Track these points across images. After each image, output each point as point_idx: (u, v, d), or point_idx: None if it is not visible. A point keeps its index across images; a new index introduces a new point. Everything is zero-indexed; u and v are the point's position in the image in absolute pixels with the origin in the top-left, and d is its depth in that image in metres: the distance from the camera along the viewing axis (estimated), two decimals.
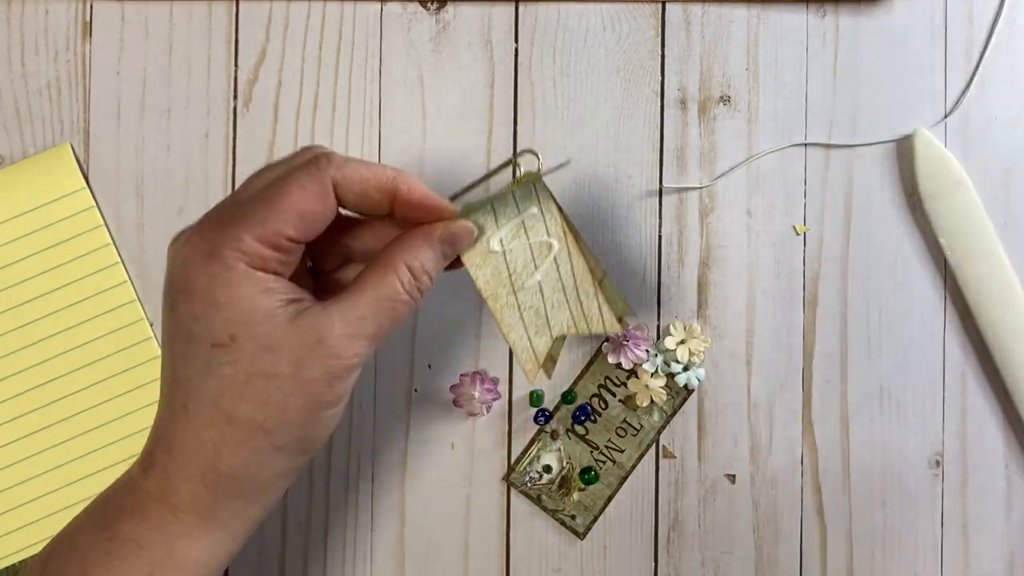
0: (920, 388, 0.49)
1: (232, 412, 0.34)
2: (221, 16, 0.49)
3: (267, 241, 0.34)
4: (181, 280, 0.34)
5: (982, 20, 0.49)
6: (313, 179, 0.35)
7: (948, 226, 0.48)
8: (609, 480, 0.49)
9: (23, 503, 0.48)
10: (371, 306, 0.35)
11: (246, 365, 0.34)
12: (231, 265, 0.34)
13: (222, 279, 0.34)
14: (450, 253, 0.37)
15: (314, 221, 0.35)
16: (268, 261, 0.34)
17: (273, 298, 0.34)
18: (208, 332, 0.34)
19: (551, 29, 0.49)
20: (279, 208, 0.34)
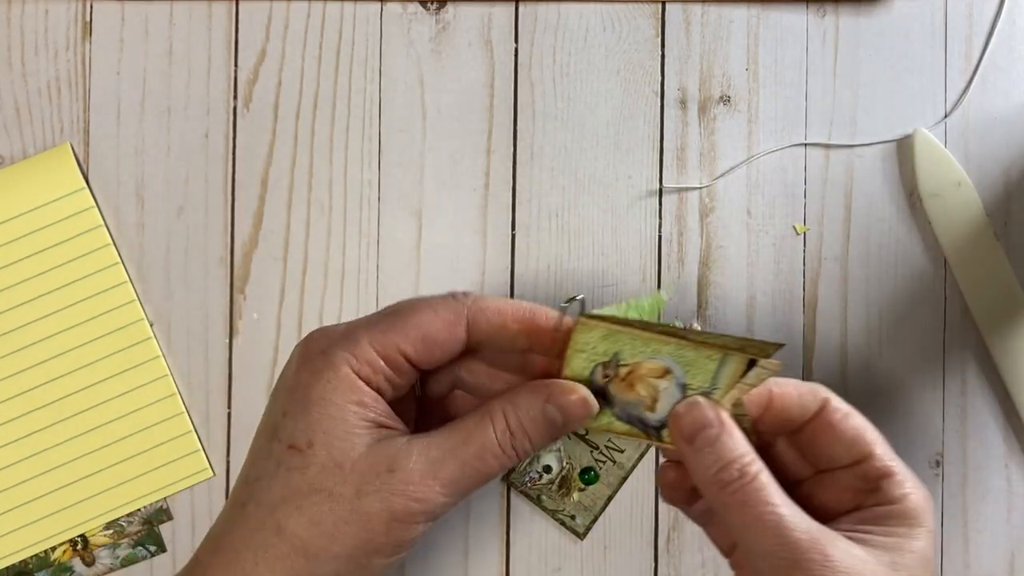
0: (920, 388, 0.49)
1: (283, 524, 0.32)
2: (221, 16, 0.49)
3: (382, 352, 0.33)
4: (288, 375, 0.33)
5: (982, 20, 0.49)
6: (448, 307, 0.33)
7: (948, 226, 0.48)
8: (609, 480, 0.49)
9: (23, 503, 0.48)
10: (456, 449, 0.32)
11: (312, 476, 0.32)
12: (336, 365, 0.32)
13: (323, 378, 0.32)
14: (559, 424, 0.33)
15: (435, 348, 0.33)
16: (376, 374, 0.33)
17: (363, 414, 0.32)
18: (290, 432, 0.32)
19: (551, 29, 0.49)
20: (404, 323, 0.33)
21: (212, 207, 0.49)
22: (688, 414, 0.33)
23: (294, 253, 0.49)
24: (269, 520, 0.32)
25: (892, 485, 0.33)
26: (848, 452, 0.34)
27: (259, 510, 0.32)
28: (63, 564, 0.48)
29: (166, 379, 0.48)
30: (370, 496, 0.31)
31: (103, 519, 0.48)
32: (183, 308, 0.49)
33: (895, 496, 0.33)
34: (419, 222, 0.49)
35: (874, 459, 0.33)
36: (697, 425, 0.33)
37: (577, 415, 0.33)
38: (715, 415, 0.33)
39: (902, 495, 0.33)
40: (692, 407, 0.33)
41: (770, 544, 0.31)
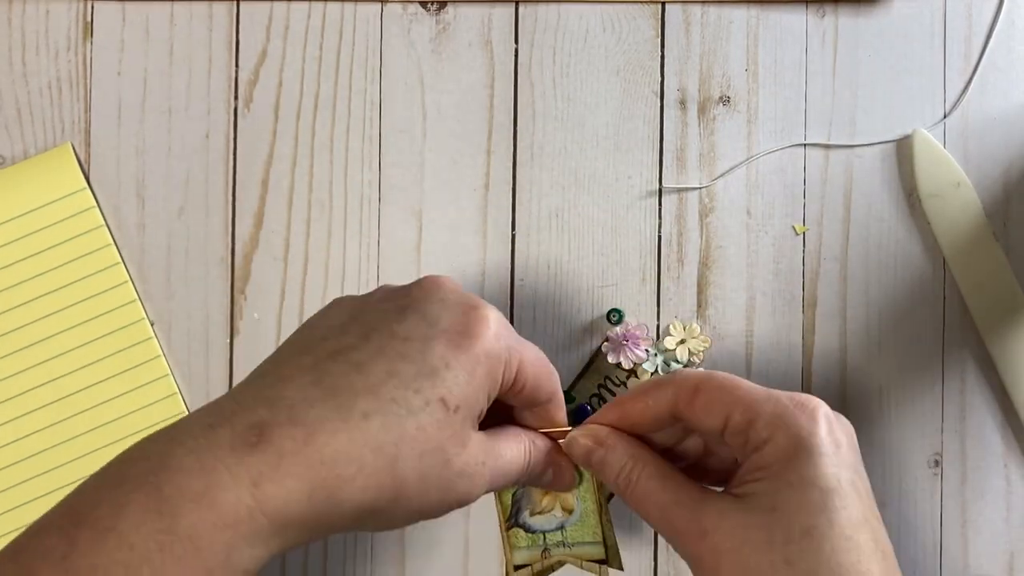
0: (920, 388, 0.49)
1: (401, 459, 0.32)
2: (221, 16, 0.49)
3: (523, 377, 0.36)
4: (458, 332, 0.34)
5: (982, 20, 0.50)
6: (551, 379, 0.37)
7: (948, 226, 0.49)
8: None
9: (24, 503, 0.48)
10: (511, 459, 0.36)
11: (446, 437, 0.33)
12: (508, 364, 0.35)
13: (490, 374, 0.34)
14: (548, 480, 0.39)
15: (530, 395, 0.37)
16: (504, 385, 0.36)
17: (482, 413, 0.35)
18: (449, 387, 0.33)
19: (551, 29, 0.49)
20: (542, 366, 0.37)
21: (213, 207, 0.49)
22: (576, 444, 0.38)
23: (294, 253, 0.49)
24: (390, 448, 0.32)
25: (756, 433, 0.34)
26: (714, 420, 0.35)
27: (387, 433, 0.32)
28: None
29: (167, 379, 0.48)
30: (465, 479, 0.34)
31: None
32: (184, 308, 0.49)
33: (763, 439, 0.34)
34: (419, 222, 0.49)
35: (734, 414, 0.35)
36: (585, 451, 0.38)
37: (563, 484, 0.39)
38: (593, 440, 0.38)
39: (769, 436, 0.34)
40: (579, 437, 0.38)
41: (662, 529, 0.36)
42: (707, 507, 0.35)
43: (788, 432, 0.34)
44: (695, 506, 0.35)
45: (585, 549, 0.42)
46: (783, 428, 0.34)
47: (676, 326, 0.48)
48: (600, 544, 0.42)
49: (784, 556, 0.32)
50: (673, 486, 0.36)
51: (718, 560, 0.33)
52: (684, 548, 0.35)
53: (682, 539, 0.35)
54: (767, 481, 0.34)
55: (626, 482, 0.37)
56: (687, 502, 0.35)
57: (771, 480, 0.34)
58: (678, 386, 0.36)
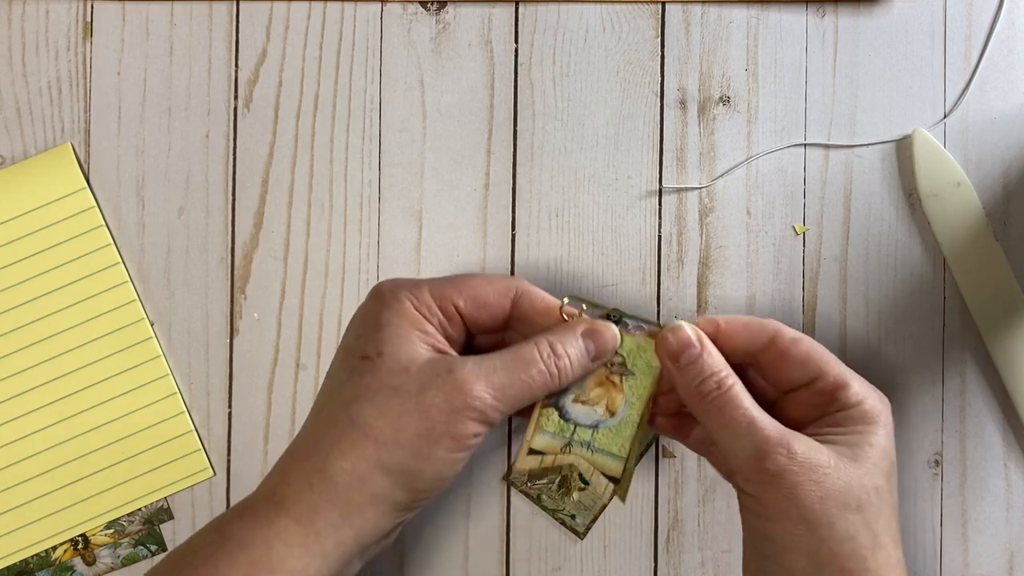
0: (920, 388, 0.49)
1: (355, 415, 0.37)
2: (221, 16, 0.49)
3: (438, 300, 0.39)
4: (363, 311, 0.40)
5: (982, 20, 0.50)
6: (501, 281, 0.40)
7: (947, 226, 0.49)
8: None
9: (24, 503, 0.48)
10: (506, 362, 0.38)
11: (382, 377, 0.37)
12: (401, 300, 0.39)
13: (391, 309, 0.39)
14: (591, 350, 0.40)
15: (483, 309, 0.40)
16: (431, 315, 0.39)
17: (424, 338, 0.39)
18: (363, 346, 0.38)
19: (551, 29, 0.49)
20: (460, 283, 0.40)
21: (213, 207, 0.49)
22: (673, 336, 0.40)
23: (294, 253, 0.49)
24: (343, 415, 0.38)
25: (847, 395, 0.39)
26: (803, 373, 0.39)
27: (334, 408, 0.38)
28: (64, 564, 0.48)
29: (166, 379, 0.48)
30: (431, 391, 0.37)
31: (104, 519, 0.48)
32: (184, 308, 0.49)
33: (851, 402, 0.39)
34: (419, 222, 0.49)
35: (827, 375, 0.39)
36: (681, 345, 0.39)
37: (608, 347, 0.40)
38: (696, 336, 0.40)
39: (857, 401, 0.39)
40: (677, 330, 0.40)
41: (743, 442, 0.38)
42: (792, 434, 0.38)
43: (873, 404, 0.39)
44: (783, 428, 0.38)
45: (605, 461, 0.42)
46: (870, 399, 0.39)
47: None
48: (621, 462, 0.42)
49: (858, 501, 0.37)
50: (759, 406, 0.39)
51: (800, 480, 0.36)
52: (763, 461, 0.37)
53: (767, 449, 0.37)
54: (849, 436, 0.38)
55: (717, 384, 0.38)
56: (771, 423, 0.38)
57: (853, 436, 0.38)
58: (778, 330, 0.40)
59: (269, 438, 0.49)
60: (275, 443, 0.49)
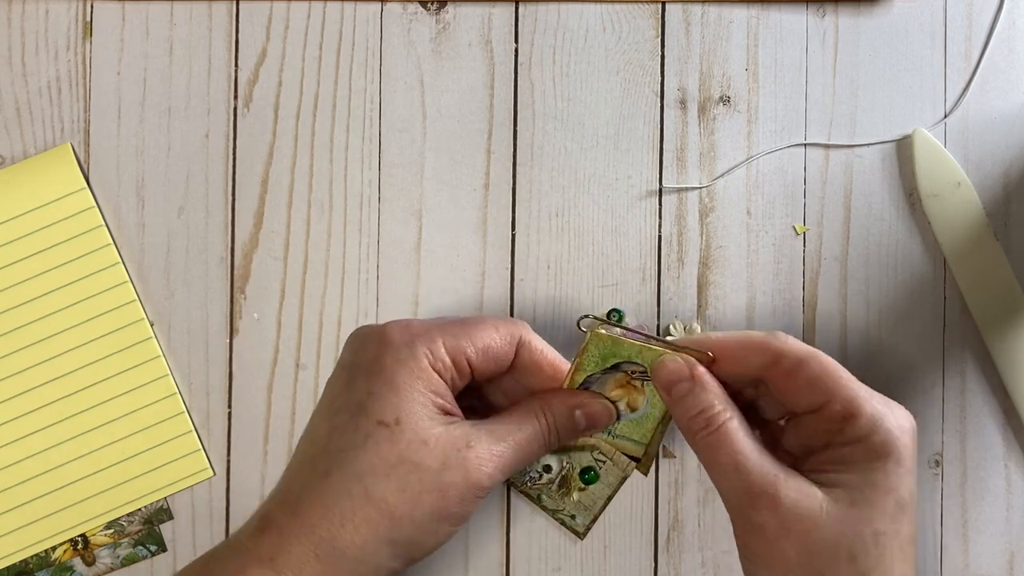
0: (920, 388, 0.49)
1: (371, 489, 0.36)
2: (221, 16, 0.49)
3: (453, 355, 0.38)
4: (368, 359, 0.38)
5: (982, 20, 0.49)
6: (507, 327, 0.39)
7: (948, 226, 0.48)
8: (609, 480, 0.49)
9: (23, 503, 0.48)
10: (514, 434, 0.38)
11: (401, 449, 0.36)
12: (418, 357, 0.37)
13: (408, 367, 0.37)
14: (583, 427, 0.40)
15: (492, 361, 0.39)
16: (446, 371, 0.38)
17: (438, 401, 0.37)
18: (378, 410, 0.36)
19: (551, 29, 0.49)
20: (472, 334, 0.38)
21: (212, 207, 0.49)
22: (665, 368, 0.38)
23: (294, 253, 0.49)
24: (357, 487, 0.36)
25: (854, 427, 0.36)
26: (810, 398, 0.37)
27: (345, 478, 0.36)
28: (64, 564, 0.48)
29: (166, 379, 0.48)
30: (451, 470, 0.36)
31: (103, 519, 0.48)
32: (183, 308, 0.49)
33: (858, 436, 0.36)
34: (419, 222, 0.49)
35: (834, 403, 0.36)
36: (671, 379, 0.38)
37: (600, 421, 0.40)
38: (688, 371, 0.38)
39: (865, 434, 0.35)
40: (670, 362, 0.38)
41: (730, 485, 0.36)
42: (785, 477, 0.35)
43: (883, 437, 0.35)
44: (773, 471, 0.36)
45: (626, 444, 0.42)
46: (880, 432, 0.35)
47: (676, 326, 0.48)
48: (642, 447, 0.42)
49: (849, 551, 0.34)
50: (753, 444, 0.37)
51: (783, 533, 0.34)
52: (747, 509, 0.36)
53: (750, 498, 0.35)
54: (851, 475, 0.35)
55: (706, 423, 0.37)
56: (766, 465, 0.36)
57: (855, 475, 0.35)
58: (781, 352, 0.37)
59: (269, 438, 0.49)
60: (275, 443, 0.49)
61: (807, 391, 0.36)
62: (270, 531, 0.36)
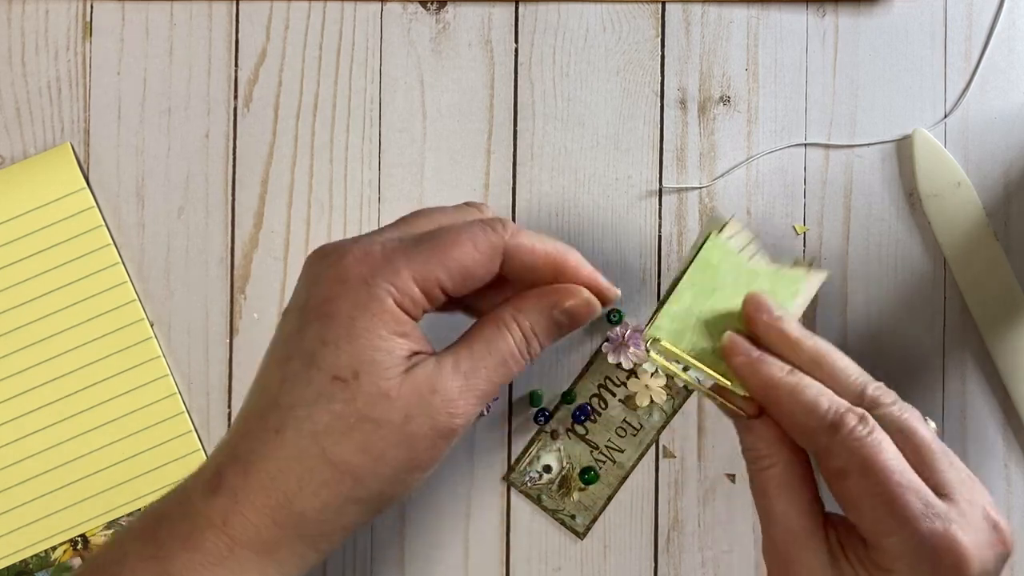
0: (920, 388, 0.49)
1: (329, 450, 0.32)
2: (221, 16, 0.49)
3: (423, 284, 0.33)
4: (322, 300, 0.33)
5: (982, 20, 0.49)
6: (488, 240, 0.34)
7: (948, 226, 0.48)
8: (609, 480, 0.49)
9: (23, 503, 0.48)
10: (484, 360, 0.34)
11: (360, 406, 0.32)
12: (380, 297, 0.33)
13: (367, 310, 0.32)
14: (567, 325, 0.35)
15: (471, 280, 0.34)
16: (415, 305, 0.33)
17: (405, 345, 0.33)
18: (333, 362, 0.32)
19: (551, 29, 0.49)
20: (446, 256, 0.33)
21: (212, 207, 0.49)
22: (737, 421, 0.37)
23: (294, 253, 0.49)
24: (313, 448, 0.32)
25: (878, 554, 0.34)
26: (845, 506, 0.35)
27: (300, 437, 0.32)
28: (63, 564, 0.48)
29: (166, 379, 0.48)
30: (417, 419, 0.32)
31: (103, 519, 0.48)
32: (183, 308, 0.49)
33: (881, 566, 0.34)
34: None
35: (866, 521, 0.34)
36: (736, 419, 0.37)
37: (583, 317, 0.35)
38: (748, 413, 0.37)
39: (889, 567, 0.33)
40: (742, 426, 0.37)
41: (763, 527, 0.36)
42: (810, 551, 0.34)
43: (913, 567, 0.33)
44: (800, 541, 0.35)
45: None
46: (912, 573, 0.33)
47: None
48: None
49: None
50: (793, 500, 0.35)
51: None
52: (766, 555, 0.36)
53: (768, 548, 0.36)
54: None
55: (754, 465, 0.36)
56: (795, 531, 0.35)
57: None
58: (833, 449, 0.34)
59: None
60: None
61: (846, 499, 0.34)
62: (222, 492, 0.33)
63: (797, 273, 0.39)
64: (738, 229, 0.40)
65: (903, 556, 0.33)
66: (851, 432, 0.33)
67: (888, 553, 0.33)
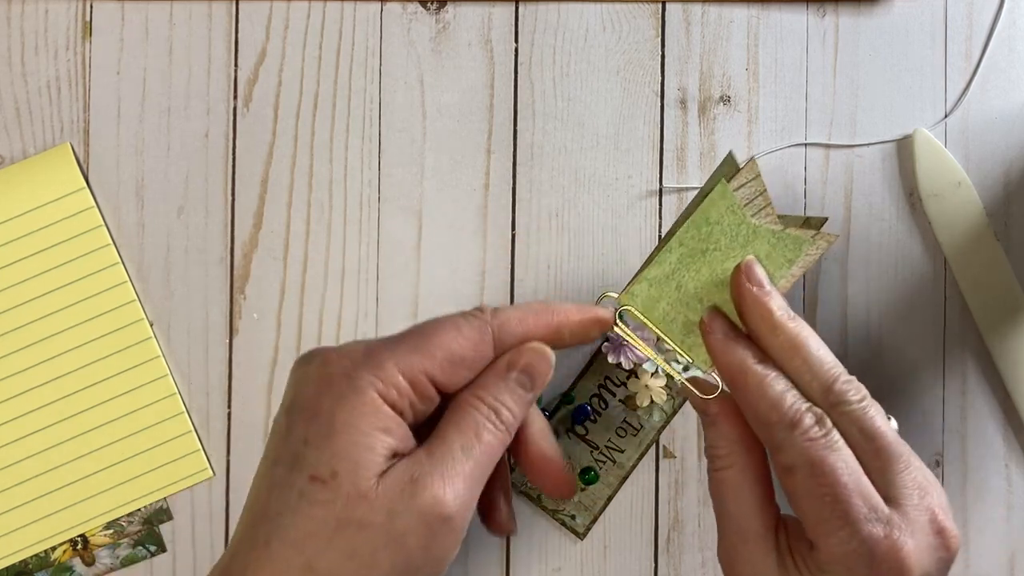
0: (920, 388, 0.49)
1: (313, 561, 0.30)
2: (221, 16, 0.49)
3: (409, 374, 0.32)
4: (306, 399, 0.32)
5: (983, 19, 0.49)
6: (472, 326, 0.33)
7: (948, 226, 0.48)
8: (609, 480, 0.49)
9: (23, 503, 0.48)
10: (457, 440, 0.32)
11: (339, 509, 0.30)
12: (362, 389, 0.31)
13: (348, 403, 0.31)
14: (529, 384, 0.34)
15: (462, 368, 0.33)
16: (402, 398, 0.32)
17: (387, 442, 0.31)
18: (312, 461, 0.31)
19: (551, 29, 0.49)
20: (429, 344, 0.32)
21: (212, 207, 0.49)
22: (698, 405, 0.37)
23: (294, 253, 0.49)
24: (297, 559, 0.31)
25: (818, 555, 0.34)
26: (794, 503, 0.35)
27: (284, 548, 0.31)
28: (63, 564, 0.48)
29: (166, 379, 0.48)
30: (402, 515, 0.31)
31: (103, 519, 0.48)
32: (183, 308, 0.49)
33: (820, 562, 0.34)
34: (419, 222, 0.49)
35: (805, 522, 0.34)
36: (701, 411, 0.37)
37: (541, 369, 0.34)
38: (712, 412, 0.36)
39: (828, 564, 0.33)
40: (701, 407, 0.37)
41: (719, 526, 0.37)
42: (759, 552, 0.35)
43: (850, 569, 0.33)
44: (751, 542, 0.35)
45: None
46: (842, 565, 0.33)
47: None
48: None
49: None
50: (746, 501, 0.35)
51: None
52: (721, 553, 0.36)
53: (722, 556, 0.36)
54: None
55: (712, 464, 0.36)
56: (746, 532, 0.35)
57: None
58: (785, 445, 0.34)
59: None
60: None
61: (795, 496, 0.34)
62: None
63: (802, 236, 0.37)
64: (754, 175, 0.36)
65: (841, 558, 0.33)
66: (806, 432, 0.33)
67: (827, 552, 0.33)
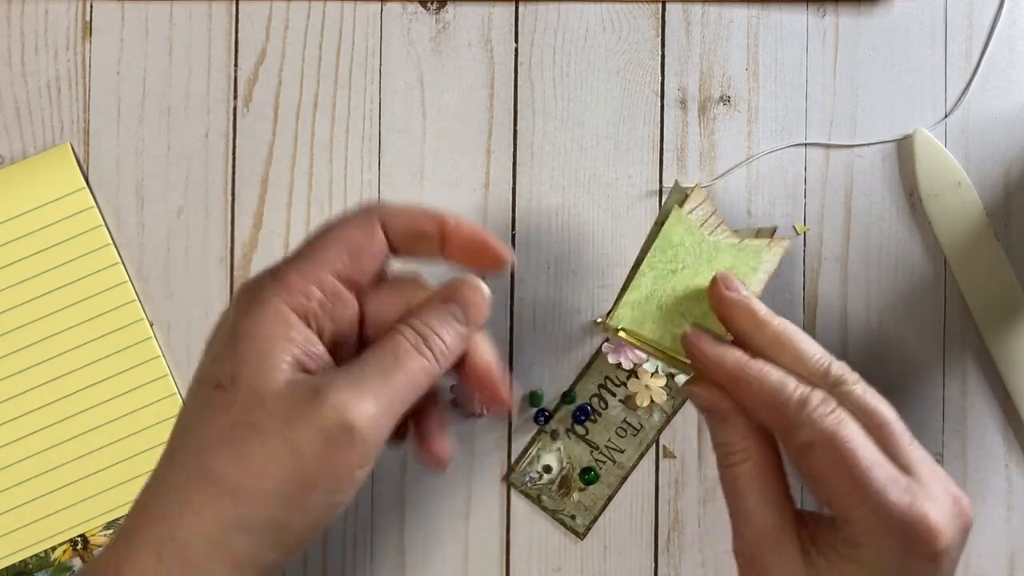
0: (920, 388, 0.49)
1: (209, 465, 0.30)
2: (221, 16, 0.49)
3: (312, 276, 0.31)
4: (221, 322, 0.32)
5: (983, 19, 0.49)
6: (359, 217, 0.33)
7: (948, 226, 0.48)
8: (609, 480, 0.49)
9: (23, 503, 0.48)
10: (377, 363, 0.31)
11: (235, 413, 0.30)
12: (265, 299, 0.31)
13: (252, 313, 0.31)
14: (461, 317, 0.33)
15: (362, 257, 0.32)
16: (310, 303, 0.31)
17: (289, 348, 0.31)
18: (216, 371, 0.31)
19: (551, 29, 0.49)
20: (324, 242, 0.32)
21: (212, 207, 0.49)
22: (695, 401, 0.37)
23: None
24: (195, 464, 0.30)
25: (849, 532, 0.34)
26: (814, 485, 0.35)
27: (186, 456, 0.30)
28: (63, 564, 0.48)
29: (166, 379, 0.48)
30: (298, 424, 0.29)
31: (103, 519, 0.48)
32: (183, 308, 0.49)
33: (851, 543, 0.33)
34: None
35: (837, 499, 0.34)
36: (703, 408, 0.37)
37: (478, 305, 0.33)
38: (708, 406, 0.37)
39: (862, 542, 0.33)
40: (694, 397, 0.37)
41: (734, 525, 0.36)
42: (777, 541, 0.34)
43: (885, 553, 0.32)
44: (768, 528, 0.35)
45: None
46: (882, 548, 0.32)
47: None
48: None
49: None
50: (764, 496, 0.35)
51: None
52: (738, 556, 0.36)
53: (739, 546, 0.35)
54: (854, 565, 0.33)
55: (726, 460, 0.36)
56: (767, 527, 0.35)
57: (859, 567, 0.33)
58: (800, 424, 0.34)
59: None
60: None
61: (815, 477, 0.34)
62: (119, 539, 0.31)
63: (759, 245, 0.40)
64: (702, 199, 0.40)
65: (873, 529, 0.32)
66: (816, 408, 0.34)
67: (857, 526, 0.33)
